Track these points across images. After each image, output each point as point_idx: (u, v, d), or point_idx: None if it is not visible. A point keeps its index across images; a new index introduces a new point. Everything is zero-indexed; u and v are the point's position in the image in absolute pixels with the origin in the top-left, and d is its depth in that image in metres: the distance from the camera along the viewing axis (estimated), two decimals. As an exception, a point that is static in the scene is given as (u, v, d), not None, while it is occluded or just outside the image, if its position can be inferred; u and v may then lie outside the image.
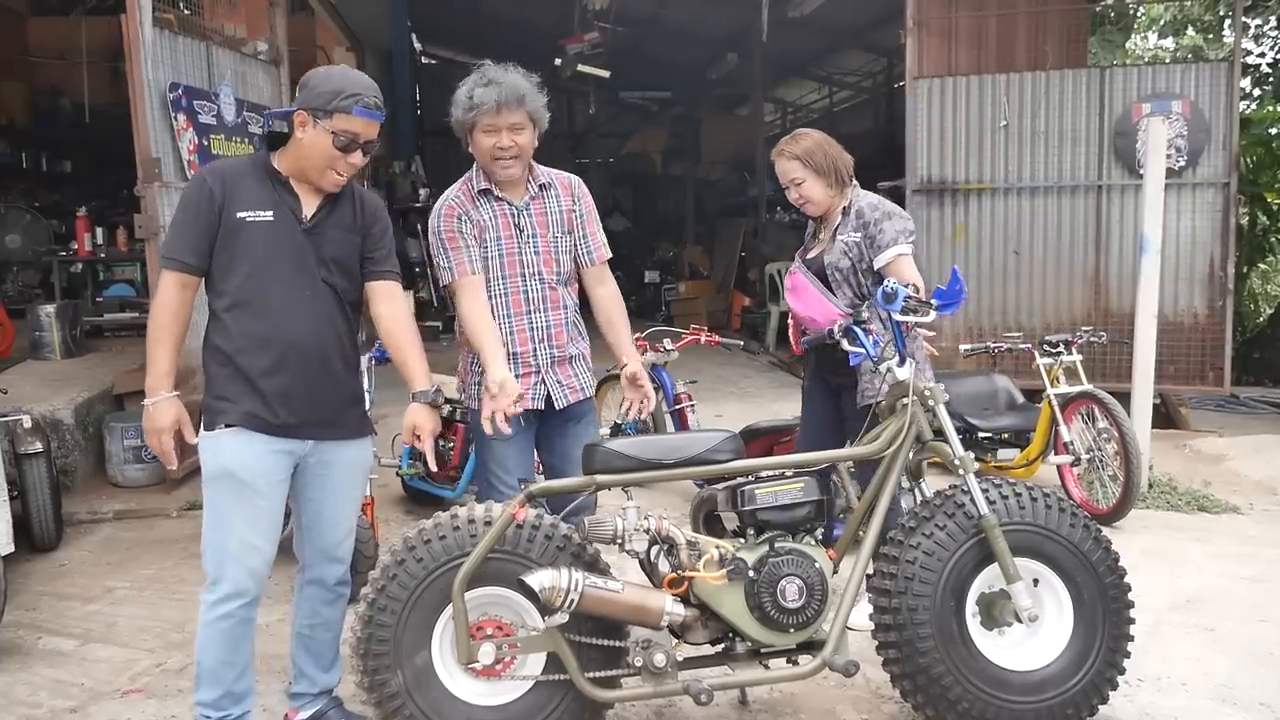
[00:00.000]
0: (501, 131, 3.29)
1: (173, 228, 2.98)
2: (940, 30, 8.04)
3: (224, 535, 2.90)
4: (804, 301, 3.90)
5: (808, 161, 3.85)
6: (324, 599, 3.16)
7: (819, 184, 3.87)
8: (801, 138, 3.92)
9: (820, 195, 3.88)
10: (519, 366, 3.41)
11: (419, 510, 5.59)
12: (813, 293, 3.87)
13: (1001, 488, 3.10)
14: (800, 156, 3.86)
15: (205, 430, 2.92)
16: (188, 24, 6.10)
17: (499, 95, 3.25)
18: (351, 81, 2.94)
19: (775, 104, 20.88)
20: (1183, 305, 7.52)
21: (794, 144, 3.90)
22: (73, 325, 7.29)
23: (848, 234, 3.85)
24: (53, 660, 3.90)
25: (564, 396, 3.47)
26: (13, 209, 10.22)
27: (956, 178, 7.82)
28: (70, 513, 5.50)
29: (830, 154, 3.87)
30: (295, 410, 2.92)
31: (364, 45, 12.30)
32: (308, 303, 2.96)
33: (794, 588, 2.95)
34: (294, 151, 2.96)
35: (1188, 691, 3.51)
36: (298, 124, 2.91)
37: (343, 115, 2.87)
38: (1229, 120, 7.35)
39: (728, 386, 8.86)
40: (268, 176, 2.97)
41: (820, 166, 3.85)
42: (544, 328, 3.43)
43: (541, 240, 3.43)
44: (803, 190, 3.89)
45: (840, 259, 3.85)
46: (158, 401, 2.86)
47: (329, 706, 3.22)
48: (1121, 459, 5.29)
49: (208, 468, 2.92)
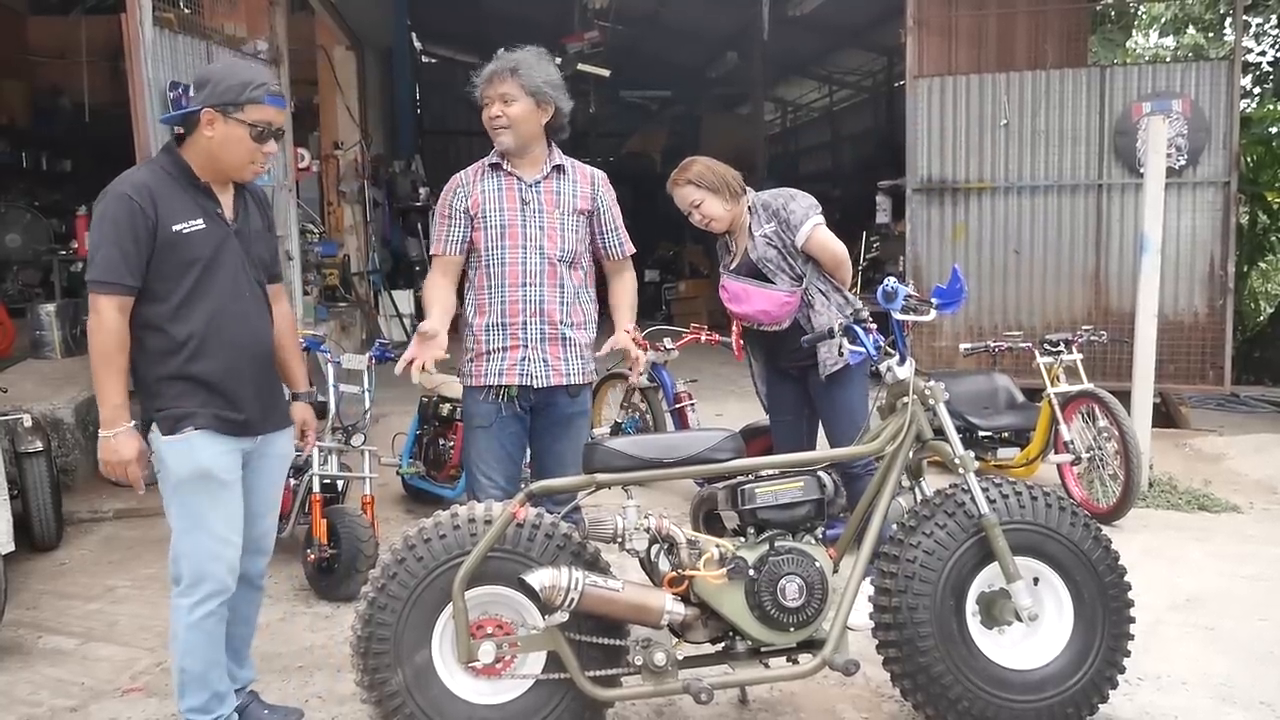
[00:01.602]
0: (493, 101, 3.44)
1: (104, 249, 2.79)
2: (940, 29, 8.04)
3: (202, 536, 2.91)
4: (748, 302, 4.14)
5: (700, 183, 4.10)
6: (246, 594, 3.17)
7: (716, 201, 4.11)
8: (689, 165, 4.17)
9: (719, 211, 4.12)
10: (506, 338, 3.46)
11: (419, 509, 5.59)
12: (752, 291, 4.12)
13: (1001, 487, 3.10)
14: (693, 180, 4.11)
15: (168, 435, 2.88)
16: (188, 23, 6.11)
17: (494, 67, 3.44)
18: (255, 71, 2.99)
19: (775, 103, 20.91)
20: (1183, 304, 7.52)
21: (684, 173, 4.14)
22: (73, 324, 7.28)
23: (762, 228, 4.13)
24: (54, 659, 3.91)
25: (546, 376, 3.47)
26: (13, 208, 10.22)
27: (957, 177, 7.82)
28: (71, 511, 5.51)
29: (718, 172, 4.13)
30: (251, 408, 2.98)
31: (364, 44, 12.28)
32: (247, 303, 3.01)
33: (794, 586, 2.95)
34: (205, 152, 2.90)
35: (1187, 690, 3.51)
36: (205, 123, 2.86)
37: (255, 106, 2.87)
38: (1229, 119, 7.34)
39: (728, 385, 8.85)
40: (186, 183, 2.91)
41: (713, 185, 4.10)
42: (537, 301, 3.46)
43: (547, 216, 3.49)
44: (703, 210, 4.12)
45: (766, 250, 4.10)
46: (118, 433, 2.84)
47: (248, 701, 3.25)
48: (1121, 458, 5.29)
49: (178, 472, 2.89)
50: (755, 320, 4.16)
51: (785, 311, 4.09)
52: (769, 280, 4.10)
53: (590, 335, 3.61)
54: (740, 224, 4.19)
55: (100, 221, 2.82)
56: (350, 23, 11.66)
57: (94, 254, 2.82)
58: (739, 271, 4.20)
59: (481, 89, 3.47)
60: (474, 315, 3.52)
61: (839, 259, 4.10)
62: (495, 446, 3.51)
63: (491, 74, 3.43)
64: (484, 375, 3.48)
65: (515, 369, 3.45)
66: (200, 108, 2.86)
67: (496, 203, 3.48)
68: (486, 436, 3.50)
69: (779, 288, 4.08)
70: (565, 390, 3.52)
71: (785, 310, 4.09)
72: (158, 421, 2.89)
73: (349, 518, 4.44)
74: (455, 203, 3.52)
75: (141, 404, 2.94)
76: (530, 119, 3.43)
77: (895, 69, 15.17)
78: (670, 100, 19.97)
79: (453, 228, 3.52)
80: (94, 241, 2.83)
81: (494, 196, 3.48)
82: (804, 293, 4.09)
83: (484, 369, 3.48)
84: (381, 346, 5.20)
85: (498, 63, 3.44)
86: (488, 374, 3.47)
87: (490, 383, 3.47)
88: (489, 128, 3.47)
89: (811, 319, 4.07)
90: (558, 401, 3.53)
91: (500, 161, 3.51)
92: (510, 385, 3.46)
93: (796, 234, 4.06)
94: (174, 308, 2.86)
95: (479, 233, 3.48)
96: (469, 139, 16.92)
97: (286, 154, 7.22)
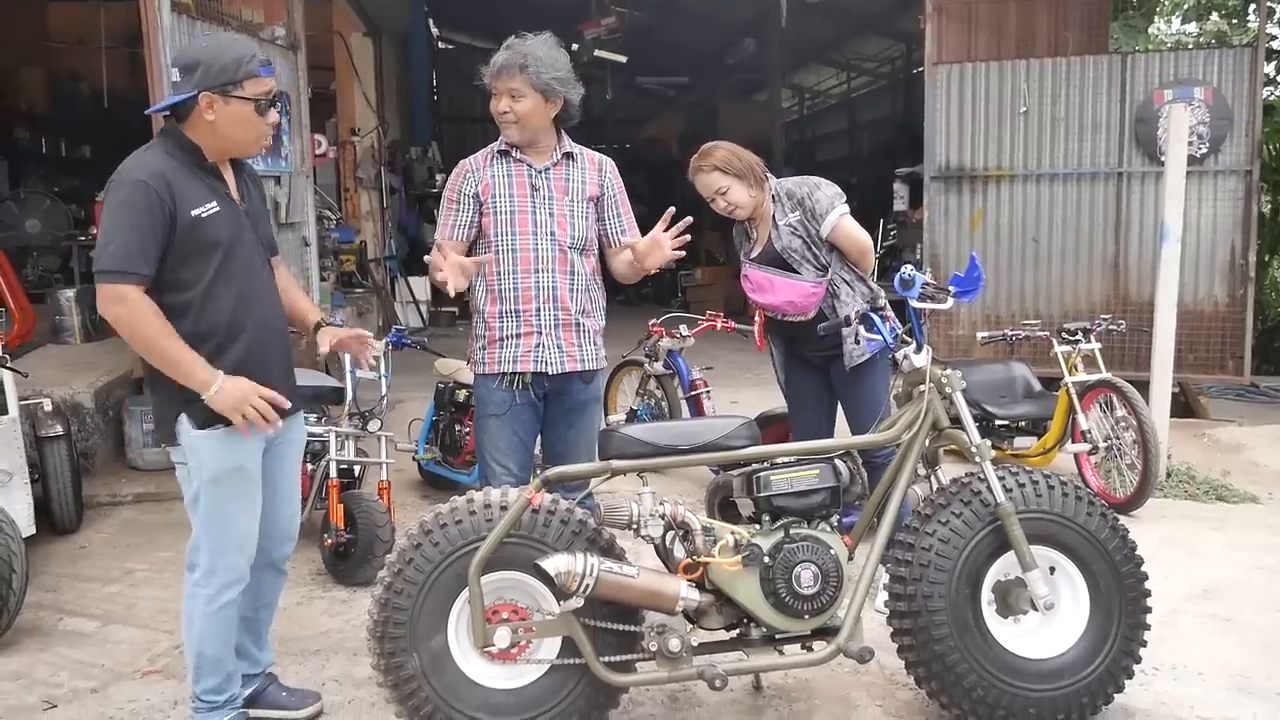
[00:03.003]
0: (502, 96, 3.41)
1: (123, 237, 2.71)
2: (960, 15, 7.98)
3: (228, 529, 2.91)
4: (773, 292, 4.08)
5: (727, 169, 4.02)
6: (270, 579, 3.19)
7: (741, 187, 4.03)
8: (713, 150, 4.08)
9: (744, 198, 4.05)
10: (520, 325, 3.45)
11: (435, 495, 5.62)
12: (777, 281, 4.07)
13: (1018, 475, 3.09)
14: (719, 166, 4.03)
15: (202, 430, 2.82)
16: (205, 9, 6.11)
17: (503, 60, 3.39)
18: (243, 44, 2.93)
19: (793, 90, 20.80)
20: (1203, 294, 7.46)
21: (708, 158, 4.06)
22: (92, 310, 7.32)
23: (786, 216, 4.08)
24: (73, 641, 3.95)
25: (560, 362, 3.47)
26: (32, 194, 10.27)
27: (975, 164, 7.77)
28: (90, 495, 5.55)
29: (743, 158, 4.06)
30: (279, 393, 2.93)
31: (380, 30, 12.28)
32: (265, 284, 3.00)
33: (809, 574, 2.95)
34: (210, 134, 2.84)
35: (1204, 681, 3.50)
36: (204, 108, 2.79)
37: (252, 80, 2.82)
38: (1251, 107, 7.26)
39: (744, 373, 8.85)
40: (195, 165, 2.85)
41: (738, 170, 4.03)
42: (550, 288, 3.45)
43: (557, 203, 3.48)
44: (728, 197, 4.04)
45: (791, 240, 4.06)
46: (219, 383, 2.77)
47: (267, 683, 3.28)
48: (1139, 448, 5.26)
49: (214, 467, 2.85)
50: (780, 311, 4.13)
51: (812, 302, 4.06)
52: (793, 270, 4.06)
53: (601, 323, 3.60)
54: (763, 212, 4.13)
55: (118, 209, 2.73)
56: (367, 9, 11.67)
57: (108, 242, 2.72)
58: (761, 261, 4.15)
59: (490, 80, 3.43)
60: (485, 303, 3.51)
61: (864, 249, 4.07)
62: (508, 433, 3.51)
63: (500, 68, 3.38)
64: (498, 362, 3.48)
65: (530, 355, 3.45)
66: (196, 92, 2.78)
67: (506, 188, 3.46)
68: (500, 424, 3.50)
69: (804, 278, 4.04)
70: (579, 376, 3.53)
71: (812, 301, 4.06)
72: (188, 413, 2.83)
73: (366, 503, 4.46)
74: (464, 188, 3.50)
75: (164, 395, 2.87)
76: (538, 114, 3.41)
77: (914, 55, 15.08)
78: (687, 87, 19.88)
79: (460, 212, 3.50)
80: (110, 229, 2.73)
81: (504, 182, 3.47)
82: (829, 282, 4.06)
83: (497, 356, 3.48)
84: (398, 332, 5.21)
85: (506, 55, 3.38)
86: (501, 360, 3.47)
87: (504, 369, 3.47)
88: (497, 120, 3.45)
89: (836, 308, 4.04)
90: (571, 388, 3.53)
91: (509, 149, 3.49)
92: (525, 372, 3.46)
93: (822, 223, 4.02)
94: (200, 295, 2.81)
95: (488, 219, 3.47)
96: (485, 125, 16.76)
97: (304, 140, 7.22)
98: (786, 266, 4.08)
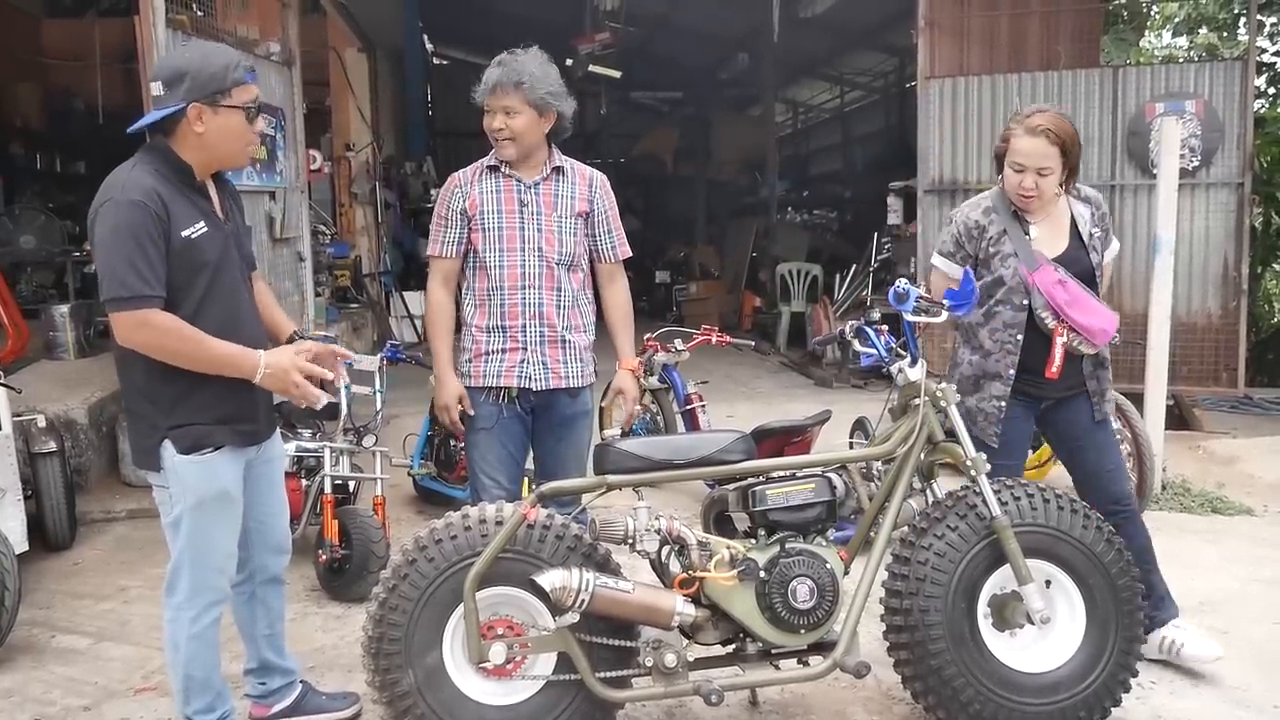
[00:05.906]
0: (496, 113, 3.40)
1: (127, 262, 2.62)
2: (952, 30, 8.02)
3: (211, 553, 2.90)
4: (1087, 312, 3.37)
5: (1065, 150, 3.30)
6: (273, 590, 3.20)
7: (1057, 178, 3.34)
8: (1059, 117, 3.31)
9: (1053, 191, 3.38)
10: (506, 340, 3.46)
11: (430, 510, 5.60)
12: (1091, 301, 3.39)
13: (1014, 489, 3.10)
14: (1062, 141, 3.27)
15: (186, 455, 2.79)
16: (201, 25, 6.11)
17: (497, 77, 3.38)
18: (226, 51, 2.92)
19: (786, 104, 20.89)
20: (1196, 306, 7.48)
21: (1055, 121, 3.27)
22: (87, 325, 7.31)
23: (1088, 228, 3.48)
24: (66, 658, 3.93)
25: (545, 379, 3.47)
26: (27, 210, 10.24)
27: (969, 178, 7.79)
28: (84, 512, 5.53)
29: (1079, 145, 3.37)
30: (261, 415, 2.96)
31: (375, 46, 12.32)
32: (248, 304, 2.99)
33: (805, 588, 2.94)
34: (199, 148, 2.78)
35: (1200, 694, 3.49)
36: (193, 119, 2.73)
37: (241, 87, 2.78)
38: (1243, 120, 7.30)
39: (739, 387, 8.85)
40: (182, 184, 2.79)
41: (1074, 159, 3.35)
42: (536, 304, 3.46)
43: (545, 219, 3.47)
44: (1044, 183, 3.32)
45: (1095, 257, 3.49)
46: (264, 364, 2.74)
47: (305, 690, 3.29)
48: (1134, 460, 5.26)
49: (199, 492, 2.81)
50: (1091, 338, 3.40)
51: (1111, 335, 3.43)
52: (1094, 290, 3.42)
53: (589, 338, 3.61)
54: (1056, 210, 3.46)
55: (118, 232, 2.64)
56: (362, 25, 11.70)
57: (114, 269, 2.63)
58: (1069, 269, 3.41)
59: (486, 98, 3.42)
60: (473, 316, 3.53)
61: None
62: (497, 447, 3.51)
63: (495, 85, 3.37)
64: (483, 376, 3.49)
65: (514, 371, 3.46)
66: (185, 104, 2.71)
67: (494, 204, 3.47)
68: (488, 438, 3.51)
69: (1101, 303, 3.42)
70: (565, 392, 3.53)
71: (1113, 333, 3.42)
72: (172, 439, 2.79)
73: (360, 519, 4.45)
74: (452, 203, 3.52)
75: (143, 419, 2.84)
76: (533, 130, 3.41)
77: (907, 70, 15.12)
78: (681, 102, 19.97)
79: (449, 229, 3.51)
80: (113, 254, 2.64)
81: (492, 198, 3.47)
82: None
83: (483, 369, 3.49)
84: (393, 347, 5.21)
85: (501, 72, 3.37)
86: (487, 374, 3.49)
87: (490, 384, 3.48)
88: (491, 137, 3.45)
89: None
90: (558, 403, 3.54)
91: (498, 164, 3.49)
92: (510, 387, 3.47)
93: (1107, 251, 3.53)
94: (189, 316, 2.75)
95: (476, 234, 3.48)
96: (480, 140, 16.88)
97: (299, 156, 7.23)
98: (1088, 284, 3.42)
